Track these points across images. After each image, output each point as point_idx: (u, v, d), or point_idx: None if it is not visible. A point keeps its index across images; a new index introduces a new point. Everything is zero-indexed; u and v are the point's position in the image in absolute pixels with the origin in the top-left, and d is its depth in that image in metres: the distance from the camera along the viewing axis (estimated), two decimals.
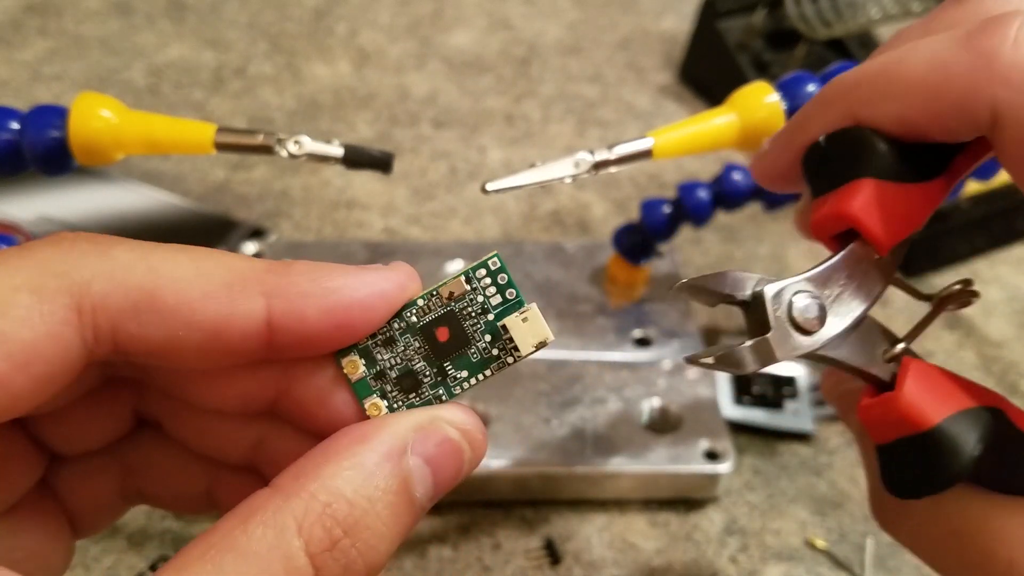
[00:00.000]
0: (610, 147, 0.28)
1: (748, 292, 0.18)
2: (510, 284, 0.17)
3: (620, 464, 0.31)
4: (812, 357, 0.19)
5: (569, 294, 0.37)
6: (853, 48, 0.50)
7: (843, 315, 0.19)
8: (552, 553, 0.30)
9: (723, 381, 0.36)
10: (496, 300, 0.17)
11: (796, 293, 0.18)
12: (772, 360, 0.18)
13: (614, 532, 0.31)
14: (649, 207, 0.35)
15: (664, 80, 0.55)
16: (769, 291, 0.18)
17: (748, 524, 0.32)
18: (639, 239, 0.36)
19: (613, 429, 0.32)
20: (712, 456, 0.31)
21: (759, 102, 0.29)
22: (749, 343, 0.18)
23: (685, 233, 0.40)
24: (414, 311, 0.17)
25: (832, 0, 0.44)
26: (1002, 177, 0.36)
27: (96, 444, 0.19)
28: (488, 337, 0.17)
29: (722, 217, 0.40)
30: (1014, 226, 0.44)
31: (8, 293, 0.14)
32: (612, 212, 0.45)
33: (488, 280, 0.17)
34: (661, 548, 0.31)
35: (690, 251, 0.43)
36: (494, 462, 0.30)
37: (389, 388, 0.17)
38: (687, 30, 0.54)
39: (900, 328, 0.21)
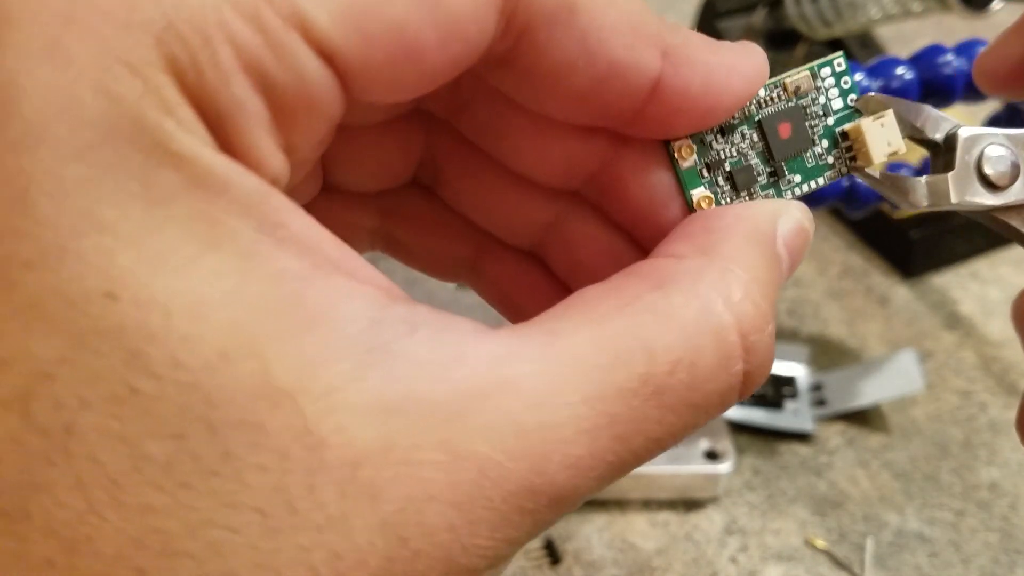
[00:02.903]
0: None
1: (941, 133, 0.17)
2: (852, 89, 0.16)
3: None
4: (990, 217, 0.17)
5: None
6: (853, 48, 0.50)
7: None
8: (552, 553, 0.30)
9: None
10: (837, 104, 0.16)
11: (992, 144, 0.17)
12: (946, 201, 0.16)
13: (614, 532, 0.31)
14: None
15: None
16: (963, 133, 0.17)
17: (748, 524, 0.32)
18: None
19: None
20: (712, 456, 0.31)
21: None
22: (927, 177, 0.16)
23: None
24: (755, 102, 0.16)
25: (832, 0, 0.44)
26: None
27: (373, 182, 0.18)
28: (825, 143, 0.16)
29: None
30: None
31: None
32: None
33: (832, 81, 0.16)
34: (661, 548, 0.31)
35: None
36: None
37: (720, 182, 0.16)
38: None
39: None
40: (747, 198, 0.16)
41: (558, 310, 0.13)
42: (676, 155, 0.16)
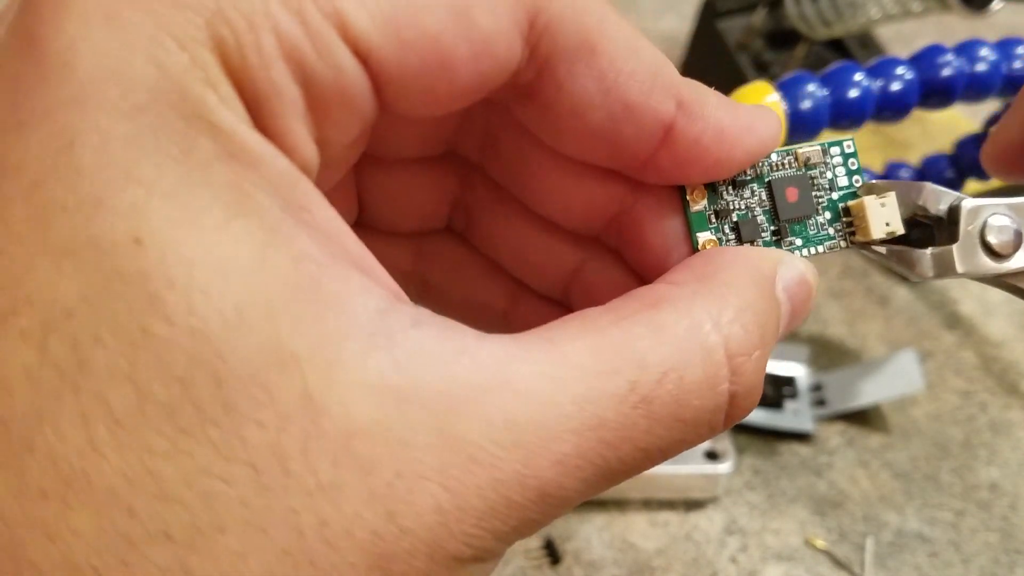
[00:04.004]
0: None
1: (944, 205, 0.17)
2: (859, 172, 0.17)
3: None
4: (997, 281, 0.18)
5: None
6: (853, 48, 0.50)
7: None
8: (552, 553, 0.30)
9: None
10: (843, 182, 0.17)
11: (995, 214, 0.17)
12: (951, 272, 0.17)
13: (614, 532, 0.31)
14: None
15: None
16: (967, 205, 0.17)
17: (748, 524, 0.32)
18: None
19: None
20: (712, 456, 0.31)
21: (759, 102, 0.29)
22: (932, 249, 0.17)
23: None
24: (767, 164, 0.17)
25: (832, 0, 0.44)
26: None
27: (407, 222, 0.18)
28: (828, 215, 0.17)
29: None
30: None
31: None
32: None
33: (839, 160, 0.17)
34: (661, 548, 0.31)
35: None
36: None
37: (727, 230, 0.17)
38: (687, 30, 0.54)
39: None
40: None
41: (558, 322, 0.14)
42: (688, 197, 0.17)
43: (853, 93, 0.25)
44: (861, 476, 0.34)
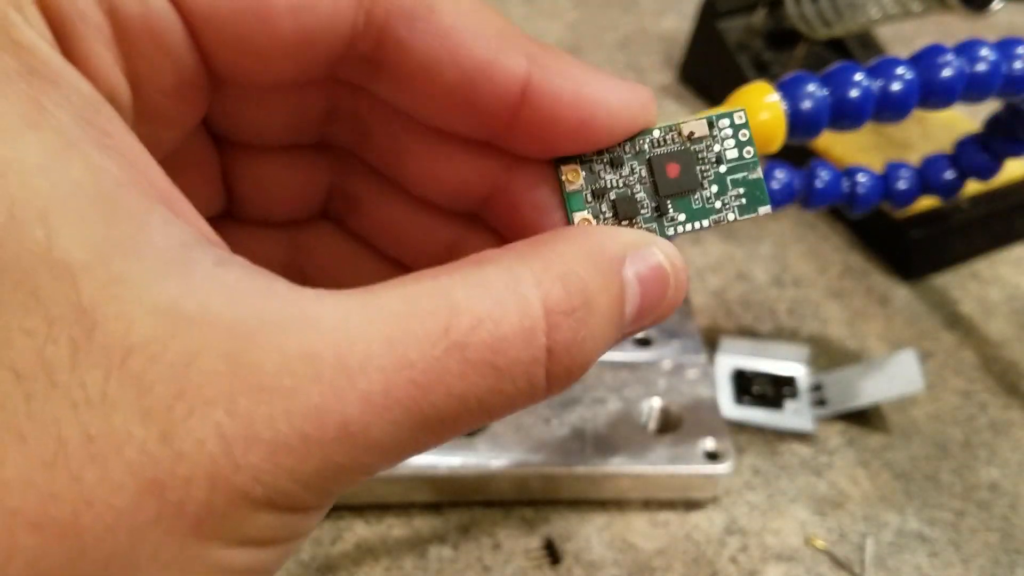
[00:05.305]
0: None
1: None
2: (750, 143, 0.17)
3: (620, 464, 0.31)
4: None
5: None
6: (853, 48, 0.50)
7: None
8: (552, 553, 0.30)
9: (723, 381, 0.36)
10: (732, 154, 0.17)
11: None
12: None
13: (614, 532, 0.31)
14: None
15: (664, 80, 0.55)
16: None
17: (748, 524, 0.32)
18: None
19: (613, 429, 0.32)
20: (712, 456, 0.31)
21: (759, 102, 0.29)
22: None
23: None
24: (648, 140, 0.17)
25: (832, 0, 0.44)
26: (1002, 177, 0.36)
27: (281, 211, 0.18)
28: (715, 188, 0.17)
29: None
30: (1014, 226, 0.44)
31: None
32: None
33: (729, 132, 0.17)
34: (661, 548, 0.31)
35: (690, 251, 0.43)
36: (494, 462, 0.30)
37: (604, 209, 0.17)
38: (687, 30, 0.54)
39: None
40: (628, 227, 0.17)
41: (398, 281, 0.13)
42: (563, 178, 0.17)
43: (853, 93, 0.25)
44: (861, 476, 0.34)
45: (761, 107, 0.29)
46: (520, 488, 0.31)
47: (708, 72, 0.53)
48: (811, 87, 0.29)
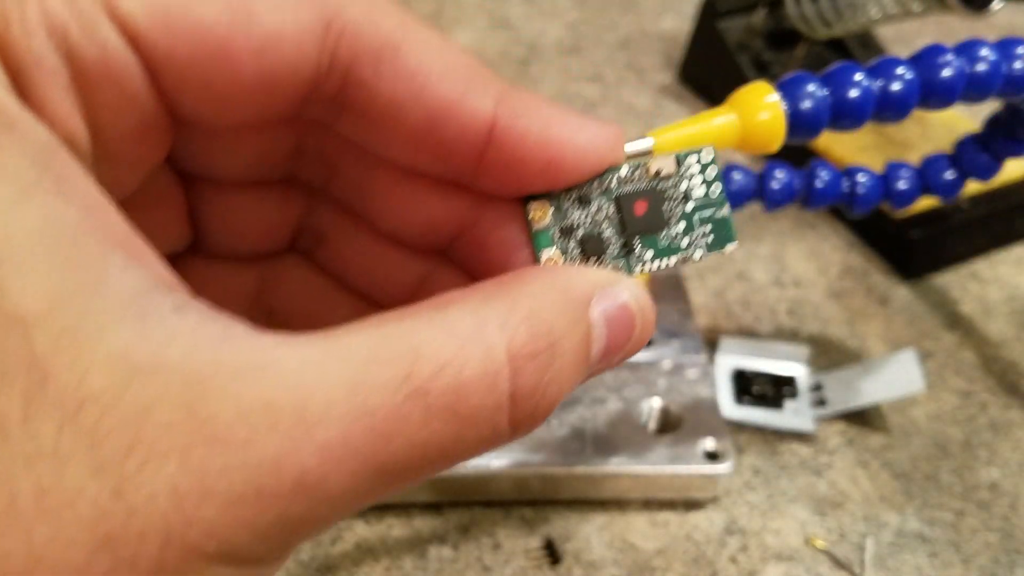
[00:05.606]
0: None
1: None
2: (717, 179, 0.17)
3: (620, 464, 0.31)
4: None
5: None
6: (853, 48, 0.50)
7: None
8: (552, 553, 0.30)
9: (723, 381, 0.36)
10: (699, 192, 0.17)
11: None
12: None
13: (614, 532, 0.31)
14: None
15: (664, 80, 0.55)
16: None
17: (748, 524, 0.32)
18: None
19: (613, 429, 0.32)
20: (712, 456, 0.31)
21: (759, 102, 0.29)
22: None
23: None
24: (615, 178, 0.17)
25: (832, 0, 0.44)
26: (1002, 177, 0.36)
27: (248, 246, 0.18)
28: (681, 225, 0.17)
29: None
30: (1014, 226, 0.44)
31: None
32: None
33: (696, 169, 0.17)
34: (661, 548, 0.31)
35: None
36: (494, 462, 0.30)
37: (571, 247, 0.17)
38: (687, 30, 0.54)
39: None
40: (596, 265, 0.17)
41: (350, 324, 0.13)
42: (531, 216, 0.17)
43: (853, 93, 0.25)
44: (861, 476, 0.34)
45: (761, 107, 0.29)
46: (520, 488, 0.31)
47: (708, 72, 0.53)
48: (811, 87, 0.29)
